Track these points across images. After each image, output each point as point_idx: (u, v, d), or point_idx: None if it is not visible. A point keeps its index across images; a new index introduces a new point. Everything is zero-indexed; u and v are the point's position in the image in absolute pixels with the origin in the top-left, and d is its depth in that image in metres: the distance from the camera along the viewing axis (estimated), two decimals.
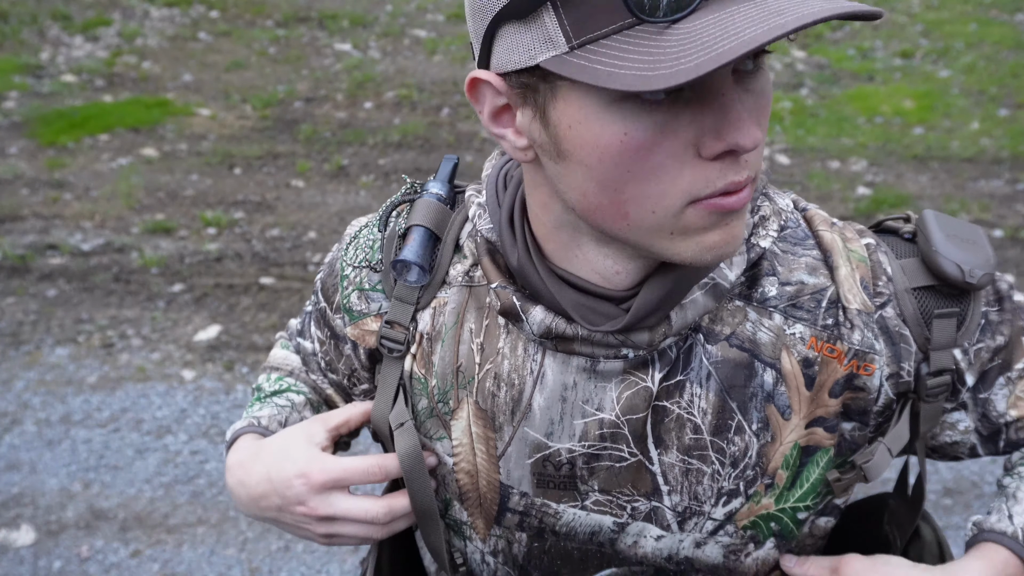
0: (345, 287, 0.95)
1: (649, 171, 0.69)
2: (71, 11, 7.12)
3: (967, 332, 0.86)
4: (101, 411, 3.33)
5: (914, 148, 4.96)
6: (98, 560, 2.74)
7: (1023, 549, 0.87)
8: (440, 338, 0.89)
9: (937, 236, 0.85)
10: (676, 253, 0.73)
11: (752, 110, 0.69)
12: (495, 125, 0.76)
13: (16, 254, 4.28)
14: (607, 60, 0.63)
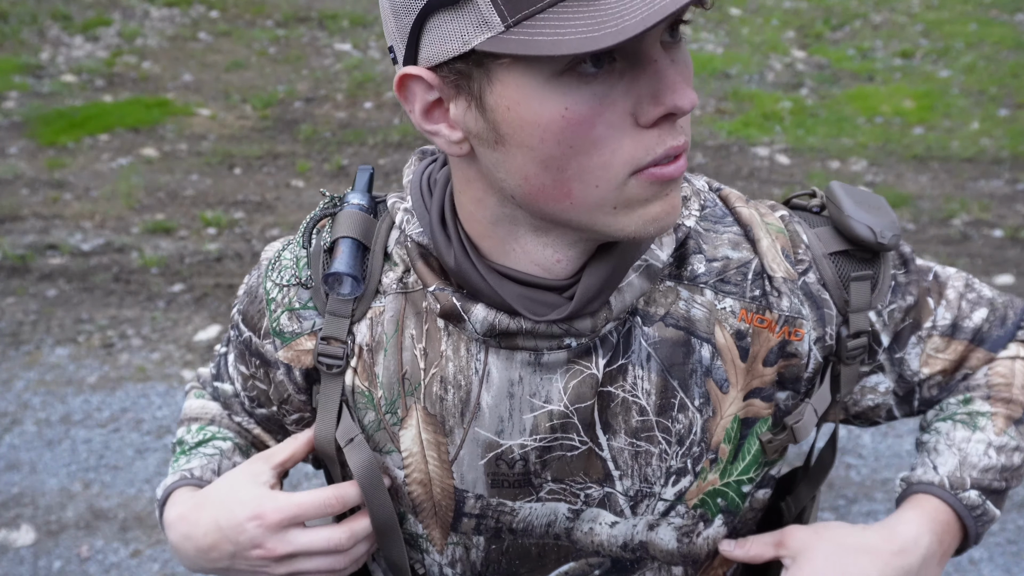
0: (273, 310, 0.91)
1: (591, 144, 0.70)
2: (71, 11, 7.12)
3: (880, 294, 0.90)
4: (101, 411, 3.33)
5: (914, 148, 4.96)
6: (98, 560, 2.74)
7: (950, 495, 0.91)
8: (382, 348, 0.87)
9: (847, 203, 0.89)
10: (620, 228, 0.74)
11: (684, 75, 0.71)
12: (427, 122, 0.75)
13: (16, 254, 4.28)
14: (548, 31, 0.64)
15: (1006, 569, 2.62)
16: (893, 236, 0.88)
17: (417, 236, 0.84)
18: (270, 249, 0.96)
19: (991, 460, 0.92)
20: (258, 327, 0.93)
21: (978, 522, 0.92)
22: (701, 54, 6.22)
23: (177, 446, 1.02)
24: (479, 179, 0.78)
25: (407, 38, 0.72)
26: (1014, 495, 2.85)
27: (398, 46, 0.74)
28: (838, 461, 3.02)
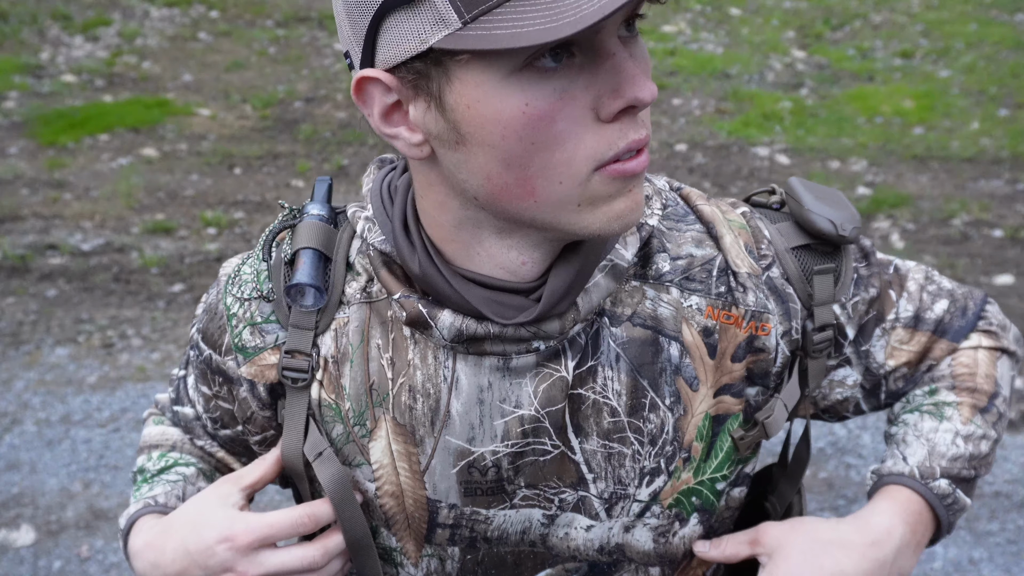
0: (235, 326, 0.90)
1: (553, 140, 0.70)
2: (71, 11, 7.12)
3: (843, 287, 0.91)
4: (101, 411, 3.33)
5: (914, 148, 4.96)
6: (98, 560, 2.74)
7: (921, 485, 0.91)
8: (348, 359, 0.86)
9: (807, 197, 0.90)
10: (585, 226, 0.74)
11: (643, 68, 0.71)
12: (386, 125, 0.75)
13: (16, 254, 4.28)
14: (506, 25, 0.64)
15: (1006, 569, 2.62)
16: (854, 229, 0.88)
17: (380, 244, 0.83)
18: (228, 265, 0.94)
19: (959, 449, 0.93)
20: (219, 344, 0.91)
21: (949, 511, 0.92)
22: (701, 54, 6.23)
23: (138, 475, 0.99)
24: (441, 182, 0.77)
25: (363, 40, 0.71)
26: (1014, 495, 2.85)
27: (354, 50, 0.73)
28: (838, 461, 3.02)
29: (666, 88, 5.78)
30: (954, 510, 0.92)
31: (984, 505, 2.83)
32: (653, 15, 6.88)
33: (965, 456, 0.93)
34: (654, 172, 4.24)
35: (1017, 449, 3.03)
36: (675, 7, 7.01)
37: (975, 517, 2.79)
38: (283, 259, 0.88)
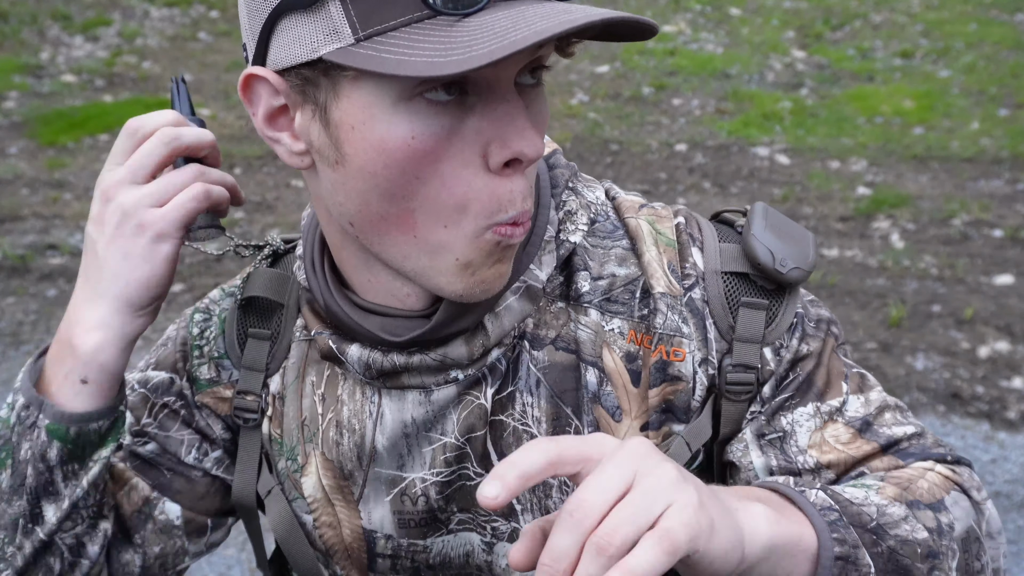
0: (196, 357, 0.91)
1: (440, 179, 0.67)
2: (71, 11, 7.12)
3: (776, 330, 0.80)
4: None
5: (914, 148, 4.96)
6: None
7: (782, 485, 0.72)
8: (285, 401, 0.87)
9: (758, 223, 0.81)
10: (449, 282, 0.71)
11: (535, 122, 0.69)
12: (270, 128, 0.72)
13: (16, 254, 4.28)
14: (396, 50, 0.62)
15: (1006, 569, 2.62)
16: (795, 269, 0.79)
17: (303, 281, 0.83)
18: (193, 308, 0.94)
19: (868, 506, 0.72)
20: (179, 369, 0.91)
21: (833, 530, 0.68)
22: (701, 54, 6.22)
23: None
24: (327, 201, 0.74)
25: (258, 37, 0.69)
26: (1014, 495, 2.85)
27: (250, 44, 0.71)
28: None
29: (666, 88, 5.78)
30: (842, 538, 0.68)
31: None
32: (653, 15, 6.88)
33: (872, 515, 0.71)
34: (653, 172, 4.19)
35: (1017, 449, 3.03)
36: (675, 7, 7.01)
37: None
38: (236, 304, 0.90)
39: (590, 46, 6.44)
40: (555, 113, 5.52)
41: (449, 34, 0.62)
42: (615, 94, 5.75)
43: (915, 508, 0.74)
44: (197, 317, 0.91)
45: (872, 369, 3.40)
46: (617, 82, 5.90)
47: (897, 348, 3.50)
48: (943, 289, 3.82)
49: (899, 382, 3.33)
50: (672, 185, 4.66)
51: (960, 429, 3.11)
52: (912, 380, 3.34)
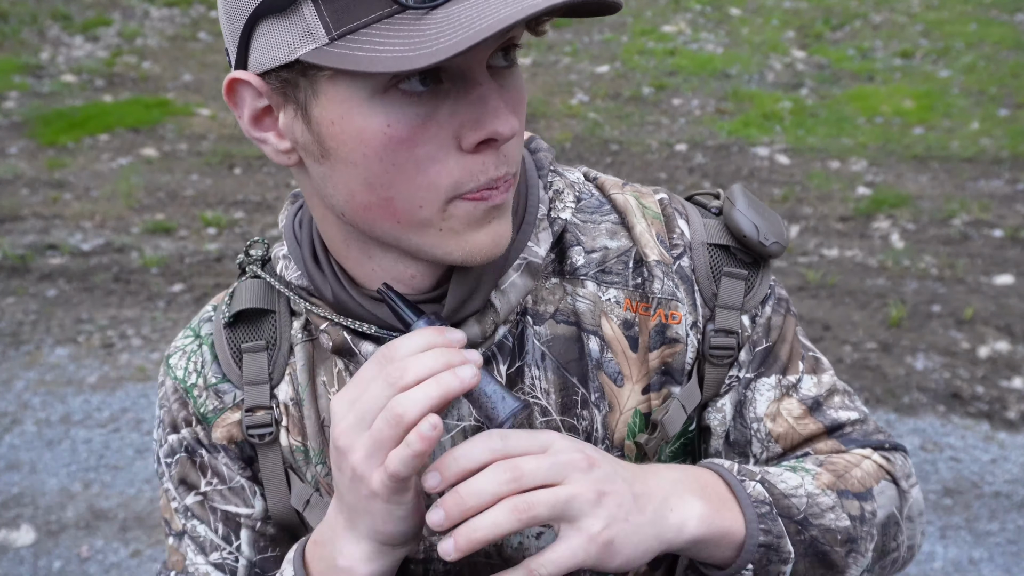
0: (196, 395, 0.87)
1: (415, 164, 0.70)
2: (71, 11, 7.12)
3: (754, 298, 0.87)
4: (101, 411, 3.33)
5: (914, 148, 4.96)
6: (98, 560, 2.74)
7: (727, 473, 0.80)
8: (300, 403, 0.86)
9: (741, 201, 0.87)
10: (447, 252, 0.74)
11: (508, 102, 0.71)
12: (256, 129, 0.74)
13: (16, 254, 4.28)
14: (368, 47, 0.64)
15: (1006, 569, 2.62)
16: (775, 243, 0.86)
17: (297, 279, 0.83)
18: (169, 351, 0.91)
19: (799, 499, 0.80)
20: (188, 420, 0.88)
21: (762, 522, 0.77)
22: (701, 54, 6.22)
23: None
24: (318, 195, 0.77)
25: (238, 42, 0.71)
26: (1014, 495, 2.85)
27: (231, 50, 0.73)
28: None
29: (666, 88, 5.78)
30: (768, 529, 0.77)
31: (984, 505, 2.83)
32: (653, 15, 6.88)
33: (801, 507, 0.80)
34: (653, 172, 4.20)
35: (1017, 449, 3.03)
36: (675, 7, 7.01)
37: (975, 517, 2.79)
38: (223, 322, 0.87)
39: (591, 46, 6.44)
40: (555, 113, 5.52)
41: (418, 28, 0.64)
42: (615, 94, 5.75)
43: (844, 497, 0.83)
44: (174, 360, 0.89)
45: (872, 369, 3.40)
46: (617, 82, 5.90)
47: (897, 348, 3.50)
48: (943, 289, 3.82)
49: (899, 382, 3.33)
50: (672, 185, 4.66)
51: (960, 429, 3.11)
52: (912, 380, 3.34)
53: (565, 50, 6.37)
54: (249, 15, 0.69)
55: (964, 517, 2.79)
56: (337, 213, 0.76)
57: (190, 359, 0.88)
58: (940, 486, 2.90)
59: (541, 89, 5.82)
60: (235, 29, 0.71)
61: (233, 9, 0.71)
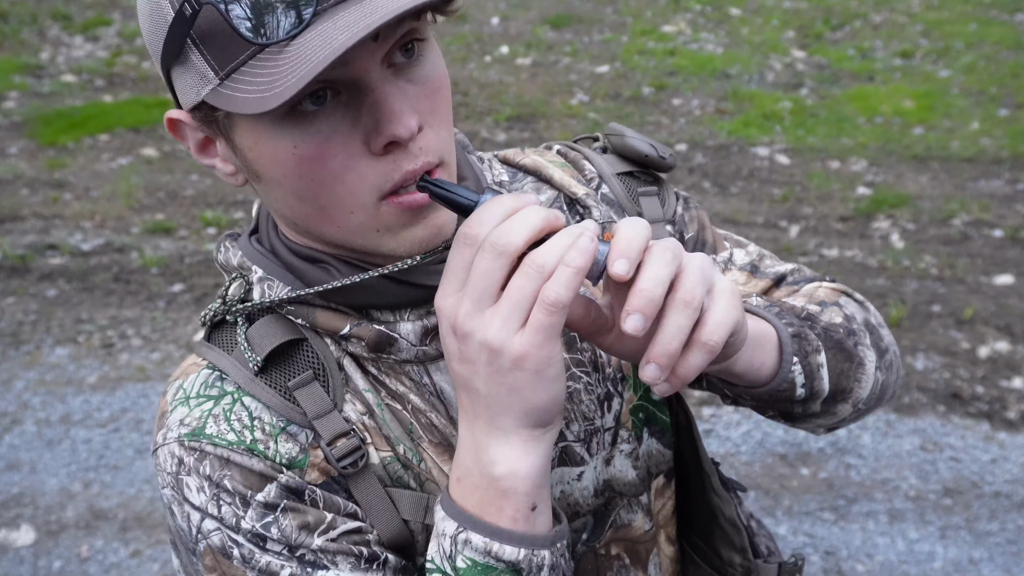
0: (266, 449, 0.79)
1: (331, 176, 0.73)
2: (71, 11, 7.12)
3: (668, 207, 0.97)
4: (101, 411, 3.33)
5: (914, 148, 4.96)
6: (98, 560, 2.74)
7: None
8: (374, 411, 0.83)
9: (629, 131, 0.97)
10: (392, 249, 0.77)
11: (414, 99, 0.73)
12: (203, 157, 0.79)
13: (16, 254, 4.28)
14: (245, 86, 0.68)
15: (1006, 569, 2.62)
16: (672, 156, 0.96)
17: (290, 295, 0.81)
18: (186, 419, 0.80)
19: (792, 304, 0.92)
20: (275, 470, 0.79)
21: (781, 318, 0.86)
22: (701, 54, 6.22)
23: None
24: (270, 207, 0.82)
25: (167, 83, 0.76)
26: (1014, 495, 2.85)
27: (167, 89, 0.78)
28: (838, 461, 3.02)
29: (666, 88, 5.78)
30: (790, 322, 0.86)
31: (984, 505, 2.83)
32: (652, 15, 6.88)
33: (799, 309, 0.90)
34: None
35: (1017, 449, 3.03)
36: (675, 7, 7.01)
37: (975, 517, 2.79)
38: (254, 371, 0.80)
39: (591, 46, 6.44)
40: (555, 113, 5.52)
41: (277, 64, 0.67)
42: (615, 94, 5.75)
43: (823, 306, 0.93)
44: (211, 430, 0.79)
45: None
46: (617, 82, 5.90)
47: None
48: (943, 289, 3.82)
49: (899, 382, 3.33)
50: (672, 185, 4.66)
51: (960, 429, 3.11)
52: (912, 380, 3.34)
53: (565, 50, 6.37)
54: (161, 64, 0.74)
55: (964, 517, 2.79)
56: (291, 222, 0.80)
57: (229, 420, 0.80)
58: (940, 486, 2.90)
59: (541, 89, 5.82)
60: (162, 73, 0.76)
61: (153, 55, 0.75)
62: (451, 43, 6.48)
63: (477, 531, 0.72)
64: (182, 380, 0.83)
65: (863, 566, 2.66)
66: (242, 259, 0.85)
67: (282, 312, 0.83)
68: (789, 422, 0.93)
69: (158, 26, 0.71)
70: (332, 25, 0.66)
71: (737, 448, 3.10)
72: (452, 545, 0.73)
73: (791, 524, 2.79)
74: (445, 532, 0.74)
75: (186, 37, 0.69)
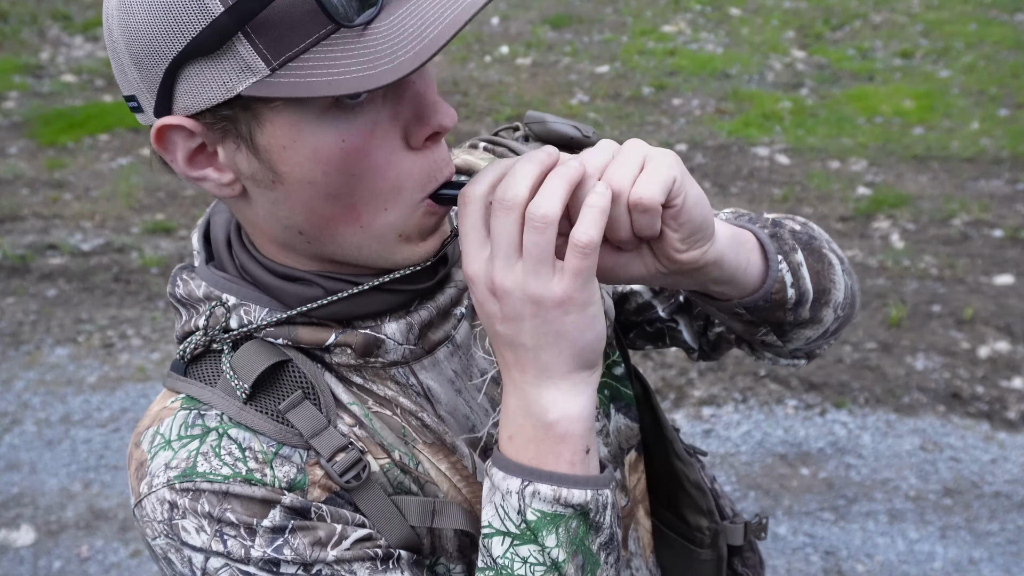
0: (263, 477, 0.77)
1: (373, 169, 0.72)
2: (71, 11, 7.12)
3: None
4: (101, 411, 3.33)
5: (914, 148, 4.96)
6: (98, 560, 2.74)
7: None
8: (364, 421, 0.82)
9: (549, 116, 0.97)
10: (404, 258, 0.78)
11: (436, 93, 0.75)
12: (193, 169, 0.74)
13: (16, 254, 4.28)
14: (320, 71, 0.66)
15: (1006, 569, 2.62)
16: (594, 134, 0.96)
17: (268, 316, 0.79)
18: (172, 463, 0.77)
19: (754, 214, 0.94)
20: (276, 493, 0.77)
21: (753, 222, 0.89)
22: (701, 54, 6.23)
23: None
24: (266, 220, 0.77)
25: (157, 88, 0.70)
26: (1014, 495, 2.85)
27: (144, 96, 0.71)
28: (838, 461, 3.02)
29: (666, 88, 5.78)
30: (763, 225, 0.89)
31: (984, 505, 2.83)
32: (652, 15, 6.88)
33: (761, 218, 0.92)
34: None
35: (1017, 449, 3.03)
36: (675, 7, 7.01)
37: (975, 517, 2.79)
38: (242, 399, 0.78)
39: (591, 46, 6.44)
40: (555, 113, 5.52)
41: (364, 44, 0.66)
42: (615, 94, 5.75)
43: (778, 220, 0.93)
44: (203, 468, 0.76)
45: (872, 369, 3.40)
46: (617, 82, 5.90)
47: (897, 348, 3.50)
48: (943, 289, 3.82)
49: (899, 382, 3.33)
50: None
51: (960, 429, 3.12)
52: (912, 380, 3.34)
53: (565, 50, 6.37)
54: (171, 60, 0.68)
55: (964, 517, 2.79)
56: (293, 233, 0.76)
57: (220, 456, 0.77)
58: (940, 486, 2.90)
59: (541, 89, 5.82)
60: (152, 76, 0.69)
61: (146, 57, 0.69)
62: (451, 43, 6.48)
63: (543, 481, 0.73)
64: (156, 427, 0.79)
65: (863, 566, 2.66)
66: (208, 289, 0.82)
67: (261, 336, 0.80)
68: (781, 338, 0.92)
69: (179, 20, 0.66)
70: (417, 6, 0.67)
71: (737, 448, 3.10)
72: (520, 500, 0.73)
73: (791, 524, 2.79)
74: (509, 490, 0.74)
75: (243, 25, 0.65)
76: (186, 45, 0.67)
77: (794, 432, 3.15)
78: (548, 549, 0.73)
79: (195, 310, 0.82)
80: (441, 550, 0.86)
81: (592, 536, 0.74)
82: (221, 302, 0.81)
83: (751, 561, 1.12)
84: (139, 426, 0.82)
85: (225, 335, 0.80)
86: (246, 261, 0.82)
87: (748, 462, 3.04)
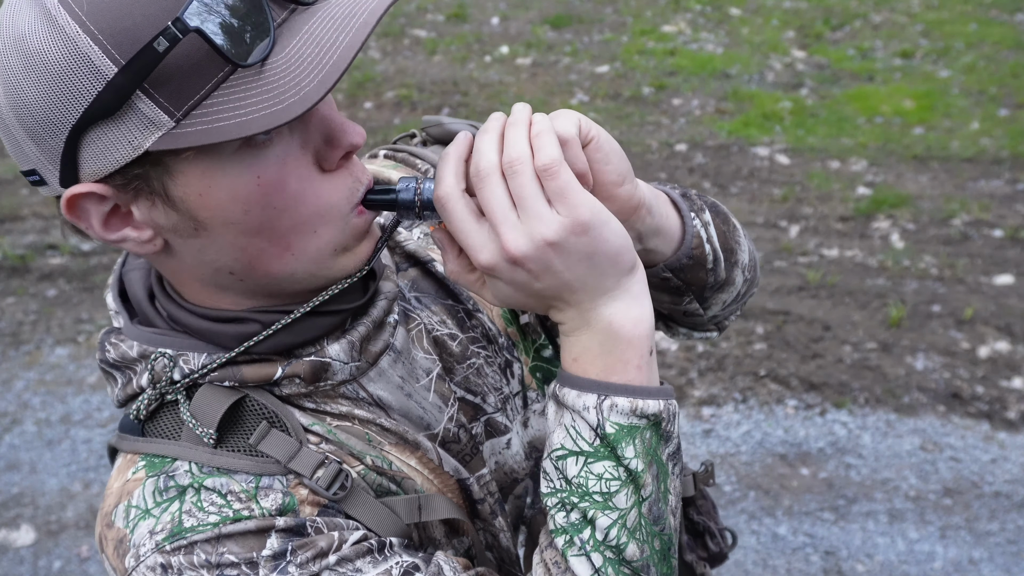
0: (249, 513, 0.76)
1: (292, 199, 0.73)
2: None
3: None
4: (101, 411, 3.33)
5: (914, 148, 4.96)
6: (98, 560, 2.74)
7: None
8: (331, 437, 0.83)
9: (446, 118, 1.02)
10: (341, 269, 0.79)
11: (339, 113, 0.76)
12: (109, 232, 0.73)
13: (16, 254, 4.28)
14: (227, 114, 0.65)
15: (1006, 569, 2.63)
16: None
17: (207, 361, 0.79)
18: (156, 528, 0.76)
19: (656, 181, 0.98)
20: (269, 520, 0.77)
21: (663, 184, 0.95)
22: (701, 54, 6.23)
23: None
24: (193, 268, 0.77)
25: (60, 158, 0.68)
26: (1014, 495, 2.85)
27: (46, 169, 0.70)
28: (838, 461, 3.02)
29: (666, 88, 5.78)
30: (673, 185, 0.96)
31: (984, 505, 2.83)
32: (652, 15, 6.88)
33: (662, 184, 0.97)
34: (653, 172, 4.21)
35: (1017, 449, 3.03)
36: (675, 7, 7.01)
37: (975, 517, 2.79)
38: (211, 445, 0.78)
39: (590, 46, 6.44)
40: None
41: (268, 80, 0.66)
42: (615, 94, 5.75)
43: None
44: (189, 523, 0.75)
45: (872, 369, 3.40)
46: (617, 82, 5.90)
47: (897, 348, 3.50)
48: (943, 289, 3.82)
49: (899, 382, 3.33)
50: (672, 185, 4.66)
51: (960, 429, 3.12)
52: (912, 380, 3.34)
53: (565, 50, 6.37)
54: (71, 129, 0.67)
55: (964, 517, 2.79)
56: (223, 276, 0.77)
57: (204, 509, 0.76)
58: (940, 486, 2.90)
59: (541, 89, 5.82)
60: (51, 147, 0.68)
61: (42, 130, 0.68)
62: (451, 43, 6.48)
63: (619, 394, 0.76)
64: (126, 501, 0.78)
65: (863, 566, 2.66)
66: (142, 347, 0.81)
67: (206, 382, 0.80)
68: (703, 304, 0.97)
69: (72, 88, 0.65)
70: (310, 33, 0.67)
71: (737, 448, 3.10)
72: (598, 415, 0.76)
73: (791, 524, 2.80)
74: (587, 406, 0.76)
75: (140, 82, 0.64)
76: (84, 111, 0.66)
77: (794, 432, 3.15)
78: (627, 460, 0.75)
79: (131, 371, 0.82)
80: (428, 541, 0.88)
81: (663, 446, 0.77)
82: (161, 354, 0.80)
83: (704, 508, 1.16)
84: (104, 507, 0.80)
85: (175, 385, 0.79)
86: (174, 311, 0.81)
87: (748, 462, 3.04)
